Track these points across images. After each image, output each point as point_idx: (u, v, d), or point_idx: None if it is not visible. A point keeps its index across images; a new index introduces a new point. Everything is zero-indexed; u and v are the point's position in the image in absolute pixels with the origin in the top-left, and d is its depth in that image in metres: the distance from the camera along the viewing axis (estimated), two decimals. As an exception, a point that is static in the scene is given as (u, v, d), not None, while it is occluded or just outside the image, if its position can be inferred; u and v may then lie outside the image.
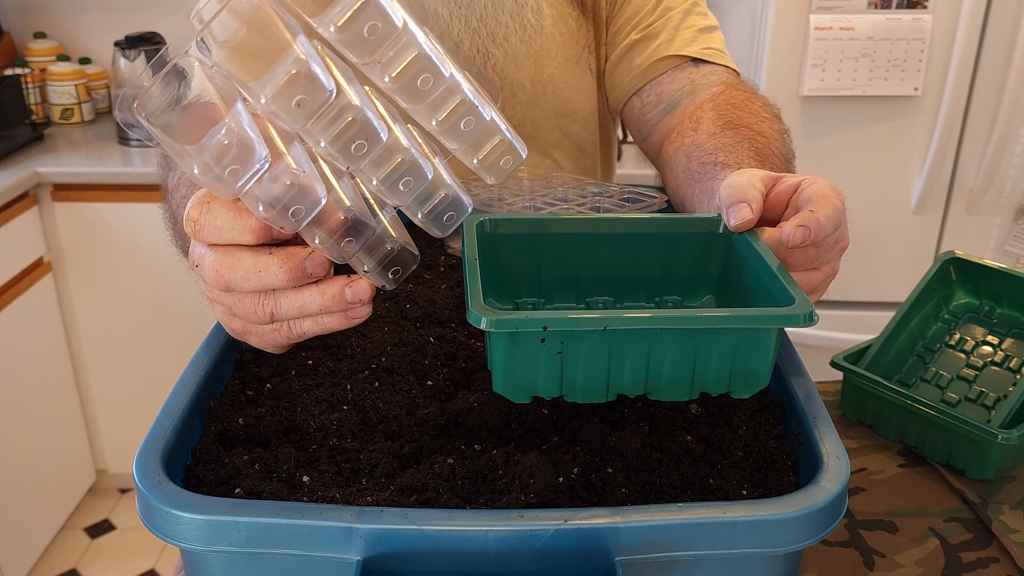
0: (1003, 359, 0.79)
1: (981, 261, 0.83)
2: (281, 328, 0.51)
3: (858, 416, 0.83)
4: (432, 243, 0.85)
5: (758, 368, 0.49)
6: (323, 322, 0.50)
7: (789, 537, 0.42)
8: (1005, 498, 0.73)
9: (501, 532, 0.41)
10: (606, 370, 0.48)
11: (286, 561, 0.42)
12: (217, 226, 0.47)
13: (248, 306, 0.49)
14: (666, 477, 0.48)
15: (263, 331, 0.51)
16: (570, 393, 0.49)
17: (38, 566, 2.05)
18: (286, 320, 0.50)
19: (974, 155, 1.77)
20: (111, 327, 2.08)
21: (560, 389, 0.49)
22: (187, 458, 0.50)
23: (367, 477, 0.49)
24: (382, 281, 0.50)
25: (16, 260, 1.87)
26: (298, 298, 0.49)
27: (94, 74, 2.31)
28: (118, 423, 2.18)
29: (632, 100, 0.94)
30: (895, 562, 0.66)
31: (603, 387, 0.49)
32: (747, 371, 0.49)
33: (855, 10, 1.67)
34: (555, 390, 0.49)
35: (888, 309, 1.62)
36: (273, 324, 0.50)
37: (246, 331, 0.52)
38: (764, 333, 0.48)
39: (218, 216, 0.47)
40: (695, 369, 0.48)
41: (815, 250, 0.56)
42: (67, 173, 1.92)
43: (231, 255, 0.48)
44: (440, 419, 0.54)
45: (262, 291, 0.49)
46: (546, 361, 0.47)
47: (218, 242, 0.48)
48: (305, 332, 0.51)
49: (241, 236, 0.47)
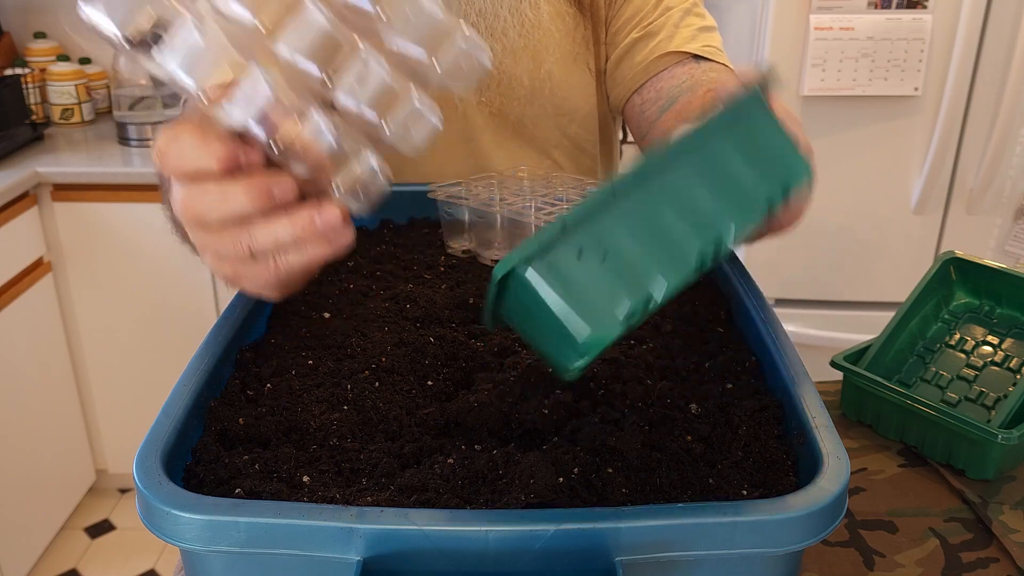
0: (1003, 359, 0.79)
1: (981, 261, 0.83)
2: (267, 264, 0.50)
3: (858, 416, 0.83)
4: (432, 243, 0.85)
5: (784, 152, 0.48)
6: (307, 252, 0.49)
7: (789, 537, 0.42)
8: (1005, 498, 0.73)
9: (501, 532, 0.41)
10: (661, 241, 0.43)
11: (286, 561, 0.42)
12: (182, 154, 0.47)
13: (227, 243, 0.49)
14: (666, 477, 0.48)
15: (250, 270, 0.51)
16: (655, 283, 0.43)
17: (38, 566, 2.05)
18: (266, 253, 0.50)
19: (974, 155, 1.77)
20: (111, 327, 2.08)
21: (641, 287, 0.42)
22: (187, 458, 0.50)
23: (367, 477, 0.49)
24: (354, 203, 0.49)
25: (16, 260, 1.87)
26: (270, 229, 0.48)
27: (94, 74, 2.31)
28: (118, 423, 2.18)
29: (633, 98, 0.94)
30: (895, 562, 0.66)
31: (674, 258, 0.44)
32: (776, 158, 0.47)
33: (855, 10, 1.67)
34: (637, 291, 0.42)
35: (888, 309, 1.62)
36: (256, 260, 0.50)
37: (236, 274, 0.52)
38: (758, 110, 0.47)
39: (184, 143, 0.47)
40: (733, 184, 0.46)
41: None
42: (67, 173, 1.92)
43: (198, 185, 0.48)
44: (440, 419, 0.54)
45: (233, 223, 0.48)
46: (601, 274, 0.42)
47: (185, 171, 0.47)
48: (292, 265, 0.50)
49: (207, 162, 0.46)
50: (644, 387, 0.57)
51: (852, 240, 1.84)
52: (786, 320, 1.87)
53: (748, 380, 0.59)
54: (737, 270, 0.70)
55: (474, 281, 0.75)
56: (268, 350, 0.62)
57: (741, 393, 0.58)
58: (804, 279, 1.88)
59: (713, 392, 0.58)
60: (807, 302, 1.91)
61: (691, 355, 0.62)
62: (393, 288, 0.74)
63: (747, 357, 0.61)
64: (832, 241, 1.84)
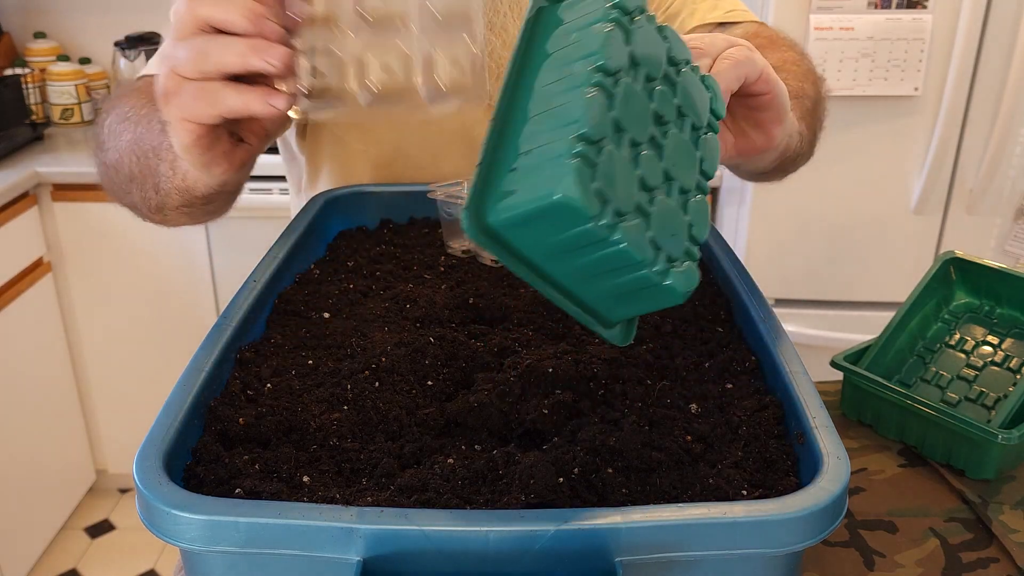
0: (1003, 359, 0.79)
1: (981, 261, 0.83)
2: (204, 91, 0.55)
3: (858, 416, 0.83)
4: (432, 243, 0.85)
5: None
6: (244, 98, 0.55)
7: (789, 537, 0.42)
8: (1005, 498, 0.73)
9: (501, 533, 0.41)
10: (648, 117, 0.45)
11: (286, 561, 0.42)
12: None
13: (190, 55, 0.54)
14: (666, 477, 0.48)
15: (189, 89, 0.55)
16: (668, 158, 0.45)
17: (38, 566, 2.05)
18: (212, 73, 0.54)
19: (974, 155, 1.77)
20: (111, 327, 2.08)
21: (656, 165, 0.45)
22: (187, 458, 0.50)
23: (367, 477, 0.49)
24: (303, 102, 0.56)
25: (16, 260, 1.87)
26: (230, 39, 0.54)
27: (94, 74, 2.31)
28: (118, 423, 2.18)
29: None
30: (895, 562, 0.66)
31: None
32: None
33: (855, 10, 1.67)
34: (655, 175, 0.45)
35: (888, 309, 1.62)
36: (200, 81, 0.55)
37: (174, 90, 0.56)
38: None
39: None
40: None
41: None
42: (67, 173, 1.92)
43: None
44: (440, 419, 0.54)
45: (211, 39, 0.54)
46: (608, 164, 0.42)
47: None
48: (229, 105, 0.55)
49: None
50: (644, 387, 0.57)
51: (852, 240, 1.84)
52: (786, 320, 1.86)
53: (748, 380, 0.59)
54: (737, 270, 0.70)
55: (474, 281, 0.75)
56: (268, 350, 0.62)
57: (741, 393, 0.58)
58: (804, 279, 1.88)
59: (713, 392, 0.58)
60: (807, 302, 1.91)
61: (691, 355, 0.62)
62: (393, 288, 0.74)
63: (747, 357, 0.61)
64: (832, 241, 1.84)
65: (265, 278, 0.68)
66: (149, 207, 0.75)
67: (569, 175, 0.40)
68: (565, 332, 0.66)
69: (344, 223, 0.89)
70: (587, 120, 0.41)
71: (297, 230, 0.78)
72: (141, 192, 0.73)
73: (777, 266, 1.87)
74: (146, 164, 0.70)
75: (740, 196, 1.87)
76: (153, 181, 0.70)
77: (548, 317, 0.67)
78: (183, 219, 0.76)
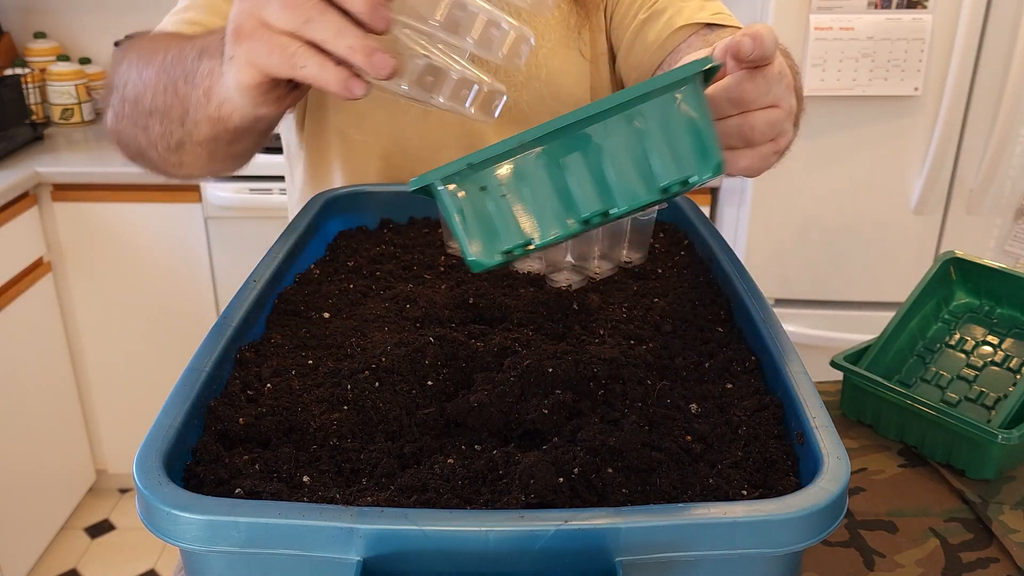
0: (1003, 359, 0.79)
1: (981, 261, 0.83)
2: (284, 49, 0.53)
3: (858, 416, 0.83)
4: (432, 243, 0.85)
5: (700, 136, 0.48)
6: (324, 74, 0.52)
7: (789, 537, 0.42)
8: (1005, 498, 0.73)
9: (501, 533, 0.41)
10: (557, 195, 0.48)
11: (286, 561, 0.42)
12: None
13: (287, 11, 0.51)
14: (666, 477, 0.48)
15: (269, 39, 0.53)
16: (535, 232, 0.49)
17: (38, 566, 2.05)
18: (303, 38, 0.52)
19: (974, 155, 1.77)
20: (111, 327, 2.08)
21: (521, 234, 0.49)
22: (187, 458, 0.50)
23: (367, 477, 0.49)
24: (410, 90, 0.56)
25: (16, 260, 1.87)
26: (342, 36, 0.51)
27: (94, 74, 2.31)
28: (118, 423, 2.18)
29: None
30: (895, 562, 0.66)
31: (562, 215, 0.49)
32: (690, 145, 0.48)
33: (855, 10, 1.67)
34: (518, 236, 0.49)
35: (888, 309, 1.62)
36: (283, 36, 0.52)
37: (250, 34, 0.54)
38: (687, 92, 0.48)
39: None
40: (640, 161, 0.48)
41: (764, 83, 0.55)
42: (67, 173, 1.92)
43: None
44: (440, 419, 0.54)
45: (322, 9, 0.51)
46: (496, 207, 0.48)
47: None
48: (305, 73, 0.53)
49: None
50: (644, 387, 0.57)
51: (852, 240, 1.84)
52: (786, 320, 1.87)
53: (748, 380, 0.59)
54: (737, 270, 0.70)
55: (474, 281, 0.75)
56: (268, 350, 0.62)
57: (741, 393, 0.58)
58: (804, 279, 1.88)
59: (713, 392, 0.58)
60: (807, 302, 1.91)
61: (691, 355, 0.62)
62: (393, 288, 0.74)
63: (747, 357, 0.61)
64: (832, 241, 1.84)
65: (265, 278, 0.68)
66: (168, 144, 0.72)
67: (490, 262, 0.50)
68: (565, 332, 0.66)
69: (344, 223, 0.89)
70: None
71: (297, 230, 0.78)
72: (162, 126, 0.70)
73: (777, 266, 1.87)
74: (174, 93, 0.68)
75: (740, 196, 1.87)
76: (179, 112, 0.68)
77: (548, 317, 0.67)
78: (201, 159, 0.73)
